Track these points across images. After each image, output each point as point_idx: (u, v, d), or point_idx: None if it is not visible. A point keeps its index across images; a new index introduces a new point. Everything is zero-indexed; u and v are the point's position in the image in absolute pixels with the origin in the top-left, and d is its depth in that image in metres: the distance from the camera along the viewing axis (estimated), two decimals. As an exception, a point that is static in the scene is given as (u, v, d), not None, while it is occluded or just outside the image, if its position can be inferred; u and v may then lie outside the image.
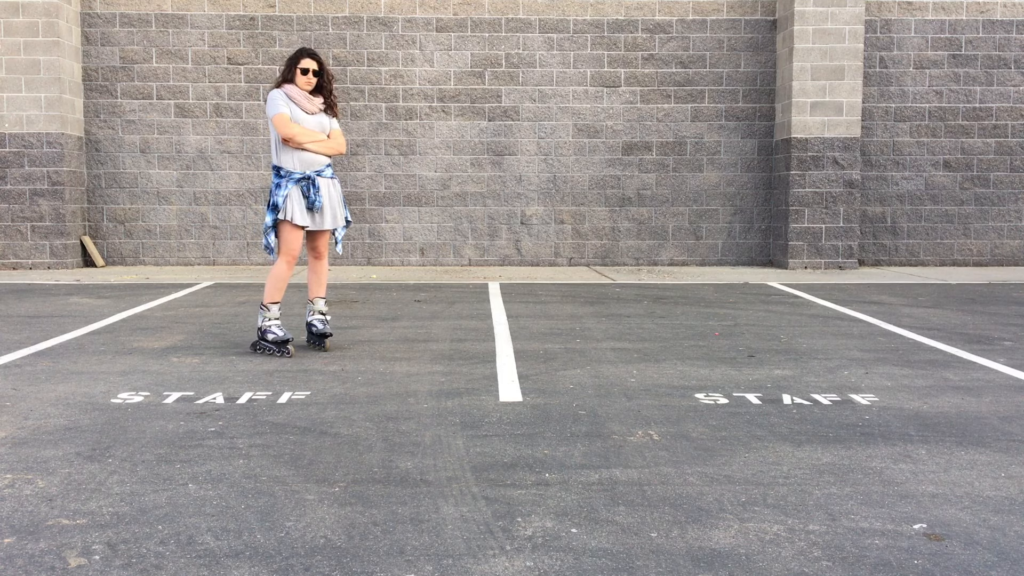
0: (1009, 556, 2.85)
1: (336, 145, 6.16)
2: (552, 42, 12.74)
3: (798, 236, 12.33)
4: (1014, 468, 3.74)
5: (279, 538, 2.95)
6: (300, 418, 4.46)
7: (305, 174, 5.99)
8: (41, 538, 2.94)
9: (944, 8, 12.85)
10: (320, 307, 6.32)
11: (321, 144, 6.05)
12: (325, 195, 6.08)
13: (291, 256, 6.04)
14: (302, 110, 6.04)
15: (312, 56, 6.11)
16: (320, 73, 6.11)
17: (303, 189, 5.98)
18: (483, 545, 2.90)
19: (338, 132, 6.23)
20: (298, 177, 5.98)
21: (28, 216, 11.92)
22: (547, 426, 4.32)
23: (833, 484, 3.51)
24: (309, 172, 6.01)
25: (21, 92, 11.80)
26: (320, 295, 6.33)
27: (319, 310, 6.32)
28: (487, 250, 12.93)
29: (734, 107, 12.90)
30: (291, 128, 5.94)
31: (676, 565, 2.76)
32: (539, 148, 12.84)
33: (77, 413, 4.53)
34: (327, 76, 6.17)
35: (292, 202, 5.97)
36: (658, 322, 7.58)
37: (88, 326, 7.22)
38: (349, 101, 12.63)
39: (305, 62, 6.07)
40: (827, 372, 5.62)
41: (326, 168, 6.13)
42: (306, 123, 6.02)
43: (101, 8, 12.49)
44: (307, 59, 6.09)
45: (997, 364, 5.88)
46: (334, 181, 6.21)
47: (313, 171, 6.03)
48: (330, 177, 6.17)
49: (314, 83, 6.09)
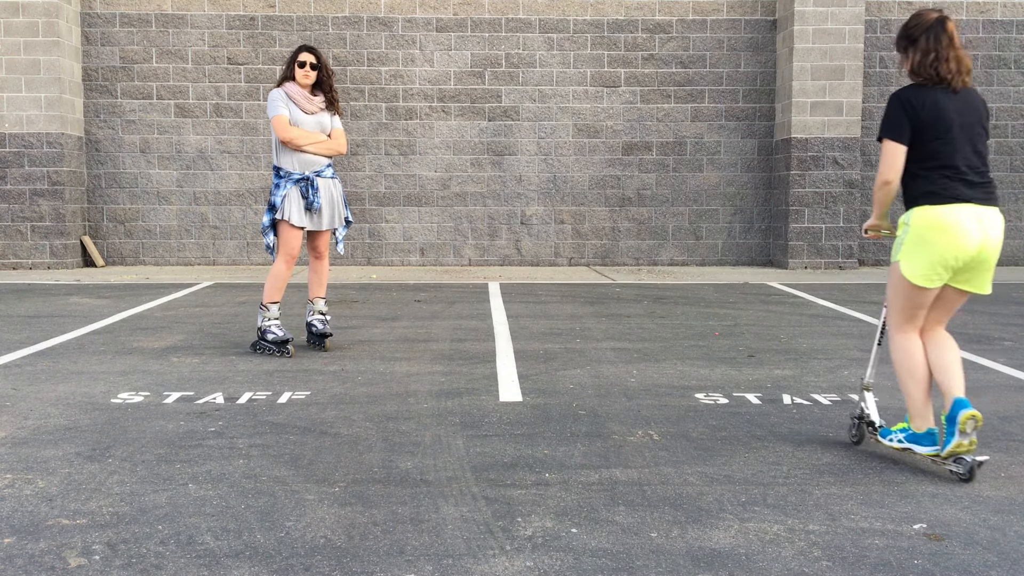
0: (1009, 556, 2.85)
1: (336, 145, 6.14)
2: (552, 42, 12.74)
3: (798, 236, 12.33)
4: (1014, 468, 3.74)
5: (279, 538, 2.95)
6: (300, 418, 4.46)
7: (304, 175, 5.99)
8: (41, 538, 2.94)
9: (944, 8, 12.84)
10: (320, 307, 6.31)
11: (320, 145, 6.04)
12: (325, 196, 6.07)
13: (290, 256, 6.03)
14: (301, 110, 6.02)
15: (310, 50, 6.10)
16: (319, 67, 6.07)
17: (302, 190, 5.97)
18: (483, 545, 2.90)
19: (339, 131, 6.21)
20: (297, 178, 5.98)
21: (28, 216, 11.92)
22: (547, 426, 4.32)
23: (833, 484, 3.51)
24: (308, 173, 6.00)
25: (21, 92, 11.79)
26: (320, 295, 6.31)
27: (319, 310, 6.30)
28: (487, 250, 12.93)
29: (734, 107, 12.90)
30: (290, 131, 5.94)
31: (676, 565, 2.76)
32: (539, 148, 12.84)
33: (77, 413, 4.53)
34: (326, 71, 6.13)
35: (290, 202, 5.96)
36: (658, 322, 7.58)
37: (88, 326, 7.22)
38: (349, 101, 12.63)
39: (303, 56, 6.06)
40: (827, 372, 5.62)
41: (326, 168, 6.12)
42: (305, 124, 6.01)
43: (101, 8, 12.49)
44: (305, 53, 6.08)
45: (997, 364, 5.88)
46: (335, 181, 6.20)
47: (312, 171, 6.02)
48: (331, 177, 6.15)
49: (313, 76, 6.04)
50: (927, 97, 3.66)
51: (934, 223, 3.60)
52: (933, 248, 3.60)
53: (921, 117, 3.63)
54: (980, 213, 3.62)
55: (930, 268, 3.62)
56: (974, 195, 3.63)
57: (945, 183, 3.62)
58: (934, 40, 3.67)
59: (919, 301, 3.70)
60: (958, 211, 3.60)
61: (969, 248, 3.59)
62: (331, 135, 6.14)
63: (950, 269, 3.63)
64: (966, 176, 3.64)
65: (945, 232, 3.59)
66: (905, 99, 3.68)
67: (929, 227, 3.61)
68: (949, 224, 3.58)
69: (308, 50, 6.09)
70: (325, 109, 6.15)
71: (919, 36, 3.71)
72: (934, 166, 3.64)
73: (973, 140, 3.67)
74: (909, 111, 3.65)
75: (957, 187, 3.62)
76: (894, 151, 3.66)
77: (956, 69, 3.66)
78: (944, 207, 3.60)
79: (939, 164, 3.63)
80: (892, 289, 3.79)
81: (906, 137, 3.65)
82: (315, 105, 6.06)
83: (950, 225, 3.58)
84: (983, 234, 3.60)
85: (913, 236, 3.65)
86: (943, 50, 3.65)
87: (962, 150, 3.65)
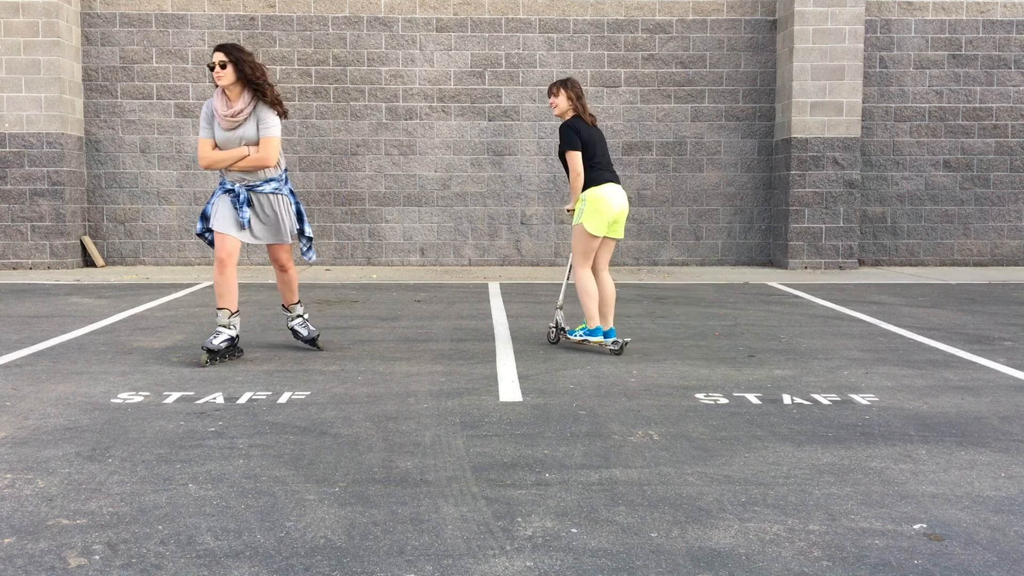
0: (1009, 556, 2.85)
1: (260, 158, 5.65)
2: (552, 42, 12.74)
3: (798, 236, 12.33)
4: (1014, 468, 3.74)
5: (279, 538, 2.95)
6: (300, 418, 4.46)
7: (232, 186, 5.74)
8: (41, 538, 2.94)
9: (944, 8, 12.85)
10: (297, 311, 6.20)
11: (246, 162, 5.65)
12: (265, 211, 5.80)
13: (220, 261, 5.70)
14: (221, 127, 5.67)
15: (219, 48, 5.61)
16: (234, 64, 5.55)
17: (232, 201, 5.73)
18: (483, 545, 2.90)
19: (267, 140, 5.65)
20: (227, 187, 5.75)
21: (28, 216, 11.92)
22: (547, 426, 4.32)
23: (833, 484, 3.51)
24: (238, 187, 5.72)
25: (21, 92, 11.79)
26: (293, 300, 6.17)
27: (297, 314, 6.20)
28: (487, 250, 12.93)
29: (734, 107, 12.89)
30: (209, 157, 5.68)
31: (676, 565, 2.76)
32: (539, 148, 12.84)
33: (77, 413, 4.53)
34: (248, 66, 5.58)
35: (219, 209, 5.72)
36: (658, 322, 7.58)
37: (88, 326, 7.22)
38: (349, 101, 12.63)
39: (213, 56, 5.61)
40: (827, 372, 5.62)
41: (263, 184, 5.76)
42: (227, 143, 5.66)
43: (101, 8, 12.49)
44: (214, 53, 5.61)
45: (997, 364, 5.88)
46: (278, 196, 5.83)
47: (243, 186, 5.73)
48: (271, 192, 5.79)
49: (226, 76, 5.54)
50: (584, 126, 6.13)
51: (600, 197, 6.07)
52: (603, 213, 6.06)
53: (583, 137, 6.06)
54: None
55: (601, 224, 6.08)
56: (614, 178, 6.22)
57: (600, 173, 6.12)
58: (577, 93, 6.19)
59: (593, 246, 6.13)
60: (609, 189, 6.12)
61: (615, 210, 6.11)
62: (259, 144, 5.67)
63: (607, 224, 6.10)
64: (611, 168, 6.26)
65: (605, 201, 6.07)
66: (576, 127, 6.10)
67: (599, 199, 6.06)
68: (606, 197, 6.07)
69: (217, 49, 5.61)
70: (253, 112, 5.67)
71: (573, 88, 6.18)
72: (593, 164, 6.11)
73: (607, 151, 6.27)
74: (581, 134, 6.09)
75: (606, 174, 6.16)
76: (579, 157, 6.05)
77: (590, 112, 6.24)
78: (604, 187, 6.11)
79: (596, 163, 6.12)
80: (576, 242, 6.13)
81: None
82: (235, 116, 5.62)
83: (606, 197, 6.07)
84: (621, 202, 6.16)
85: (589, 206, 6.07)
86: (584, 100, 6.23)
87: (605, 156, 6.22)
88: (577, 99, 6.14)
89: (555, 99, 6.13)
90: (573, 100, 6.13)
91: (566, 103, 6.12)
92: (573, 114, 6.15)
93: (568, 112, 6.16)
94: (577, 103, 6.13)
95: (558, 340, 6.45)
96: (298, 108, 12.58)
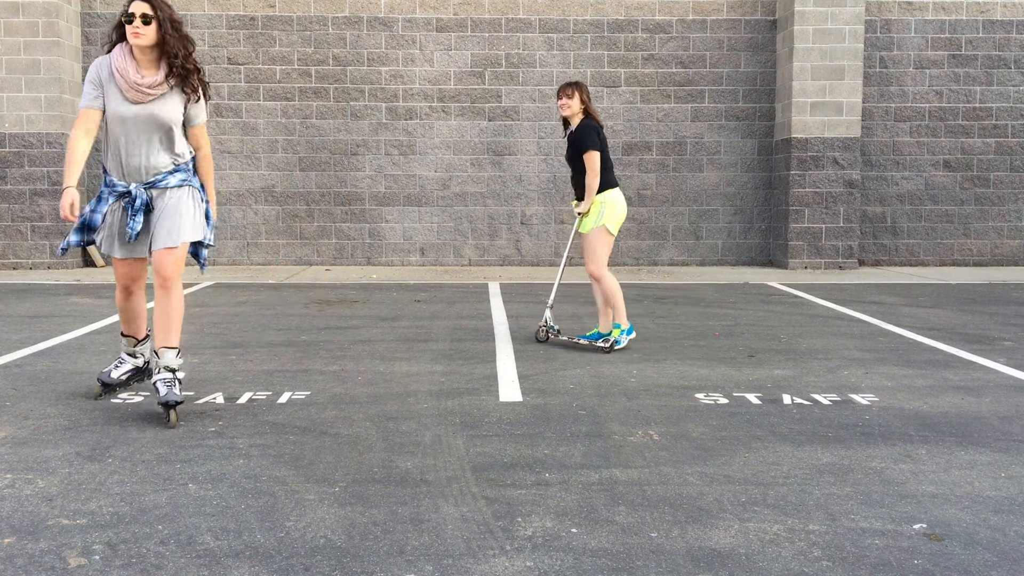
0: (1009, 556, 2.85)
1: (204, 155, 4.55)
2: (552, 42, 12.74)
3: (798, 236, 12.33)
4: (1014, 468, 3.74)
5: (279, 538, 2.95)
6: (300, 418, 4.46)
7: (127, 188, 4.37)
8: (41, 538, 2.94)
9: (944, 8, 12.85)
10: (168, 361, 4.33)
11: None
12: (161, 210, 4.40)
13: (120, 285, 4.62)
14: (125, 98, 4.26)
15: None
16: (156, 21, 4.20)
17: (126, 206, 4.41)
18: (483, 545, 2.90)
19: (194, 131, 4.51)
20: (121, 191, 4.40)
21: (28, 216, 11.92)
22: (547, 426, 4.32)
23: (833, 484, 3.52)
24: (135, 188, 4.35)
25: (21, 92, 11.80)
26: (168, 344, 4.35)
27: (165, 365, 4.33)
28: (487, 250, 12.93)
29: (734, 107, 12.90)
30: (74, 149, 4.26)
31: (676, 565, 2.76)
32: (539, 148, 12.84)
33: (77, 413, 4.53)
34: (174, 30, 4.24)
35: (107, 226, 4.48)
36: (658, 322, 7.58)
37: (88, 326, 7.22)
38: (349, 101, 12.63)
39: (133, 5, 4.19)
40: (827, 372, 5.62)
41: (167, 176, 4.39)
42: (132, 121, 4.30)
43: (101, 8, 12.49)
44: (132, 3, 4.21)
45: (997, 364, 5.88)
46: (184, 188, 4.44)
47: (141, 185, 4.37)
48: (176, 186, 4.41)
49: (147, 35, 4.19)
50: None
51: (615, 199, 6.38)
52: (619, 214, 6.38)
53: (600, 138, 6.24)
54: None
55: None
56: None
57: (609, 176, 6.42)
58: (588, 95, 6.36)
59: (611, 246, 6.36)
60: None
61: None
62: (193, 133, 4.53)
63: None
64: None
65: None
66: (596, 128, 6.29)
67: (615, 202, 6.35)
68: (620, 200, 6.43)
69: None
70: (171, 90, 4.33)
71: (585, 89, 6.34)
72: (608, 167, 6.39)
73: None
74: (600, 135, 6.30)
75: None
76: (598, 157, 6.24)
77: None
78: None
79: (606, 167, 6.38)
80: (600, 244, 6.27)
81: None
82: (149, 87, 4.26)
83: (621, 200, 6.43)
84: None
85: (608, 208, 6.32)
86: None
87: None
88: (589, 101, 6.32)
89: (568, 100, 6.24)
90: (586, 102, 6.29)
91: (579, 105, 6.27)
92: (584, 116, 6.30)
93: (579, 114, 6.30)
94: (589, 105, 6.31)
95: (547, 338, 6.57)
96: (298, 108, 12.58)
